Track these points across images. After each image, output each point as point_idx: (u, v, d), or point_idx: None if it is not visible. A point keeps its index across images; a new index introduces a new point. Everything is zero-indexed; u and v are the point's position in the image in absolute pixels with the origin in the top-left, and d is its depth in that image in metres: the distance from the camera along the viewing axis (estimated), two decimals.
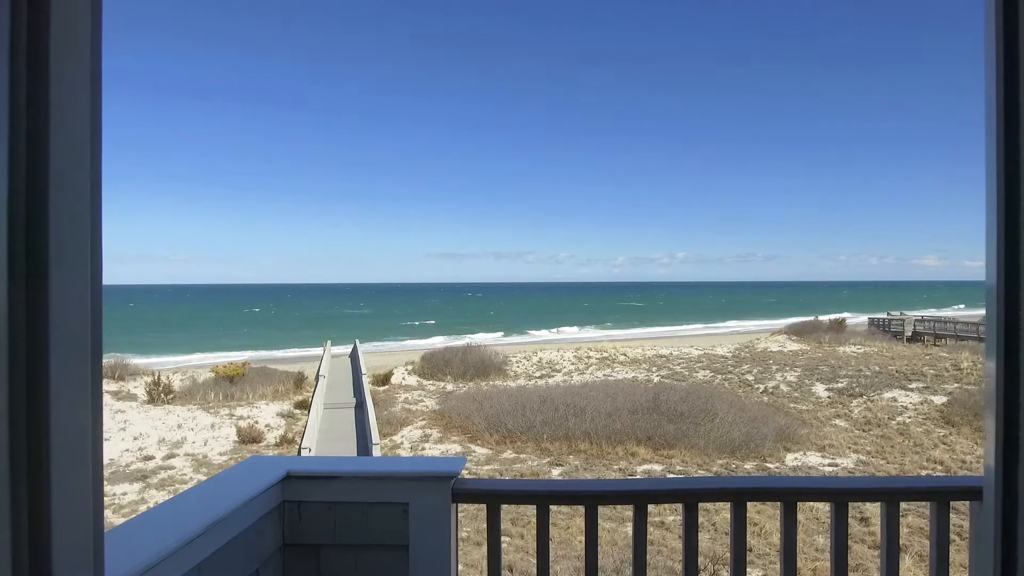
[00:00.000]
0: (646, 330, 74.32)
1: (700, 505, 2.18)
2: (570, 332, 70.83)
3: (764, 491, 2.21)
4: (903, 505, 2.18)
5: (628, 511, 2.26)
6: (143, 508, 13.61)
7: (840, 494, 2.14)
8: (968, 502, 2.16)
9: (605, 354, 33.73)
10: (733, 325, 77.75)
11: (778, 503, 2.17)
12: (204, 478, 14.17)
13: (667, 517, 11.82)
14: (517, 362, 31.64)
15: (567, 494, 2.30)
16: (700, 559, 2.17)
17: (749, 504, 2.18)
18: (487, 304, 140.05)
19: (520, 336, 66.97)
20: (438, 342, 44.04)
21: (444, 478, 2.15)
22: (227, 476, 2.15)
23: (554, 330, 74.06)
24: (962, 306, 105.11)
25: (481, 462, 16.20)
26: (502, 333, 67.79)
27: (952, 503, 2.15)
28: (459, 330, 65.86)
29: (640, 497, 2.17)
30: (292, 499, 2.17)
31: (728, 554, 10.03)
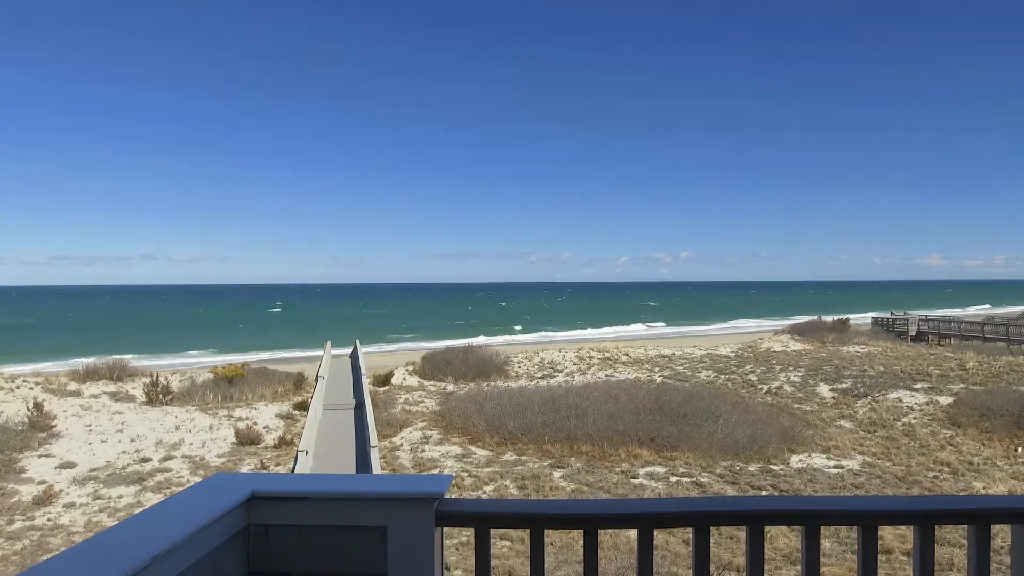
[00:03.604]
0: (648, 330, 74.03)
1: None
2: (583, 333, 70.41)
3: (784, 514, 1.96)
4: None
5: None
6: (139, 511, 13.42)
7: (870, 517, 1.90)
8: (1010, 525, 1.94)
9: (607, 354, 33.47)
10: (736, 325, 77.44)
11: (798, 527, 1.95)
12: (201, 480, 13.97)
13: None
14: (518, 362, 31.39)
15: (564, 517, 2.05)
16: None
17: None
18: (492, 304, 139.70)
19: (530, 335, 66.78)
20: (450, 343, 43.57)
21: (427, 499, 1.92)
22: (184, 497, 1.93)
23: (600, 329, 73.93)
24: (988, 306, 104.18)
25: (482, 464, 15.98)
26: (536, 335, 67.46)
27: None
28: (465, 332, 65.40)
29: (646, 520, 1.92)
30: (258, 522, 1.94)
31: (733, 559, 9.81)
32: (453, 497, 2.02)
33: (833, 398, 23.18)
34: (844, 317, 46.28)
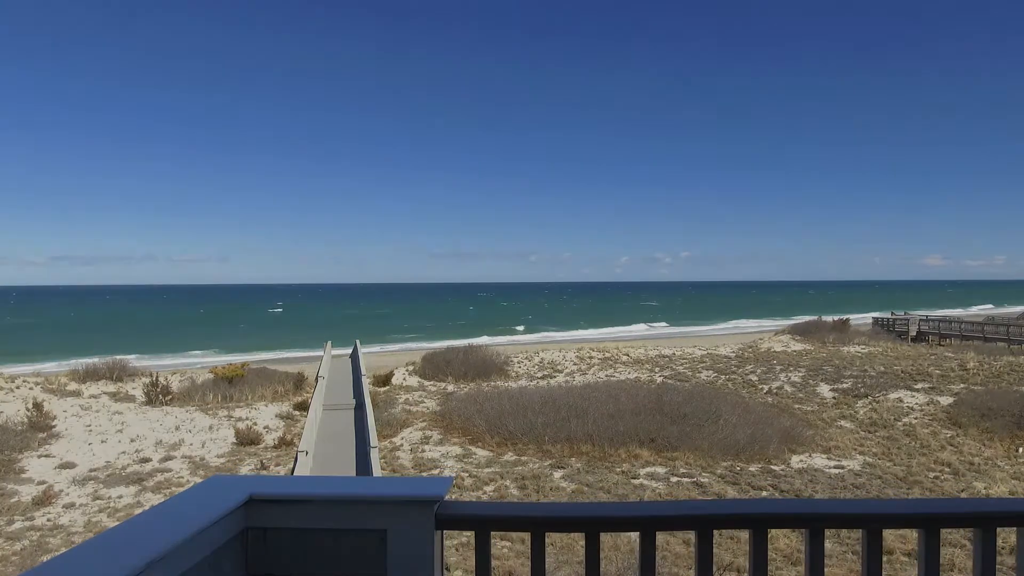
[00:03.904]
0: (650, 330, 74.04)
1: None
2: (584, 333, 70.33)
3: (789, 517, 1.94)
4: None
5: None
6: (139, 511, 13.40)
7: (874, 520, 1.89)
8: (1015, 527, 1.92)
9: (608, 354, 33.46)
10: (736, 325, 77.42)
11: (802, 530, 1.93)
12: (201, 480, 13.96)
13: None
14: (519, 362, 31.38)
15: (566, 520, 2.04)
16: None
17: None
18: (493, 304, 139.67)
19: (531, 336, 66.77)
20: (451, 343, 43.51)
21: (427, 502, 1.90)
22: (181, 500, 1.91)
23: (601, 329, 73.94)
24: (989, 306, 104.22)
25: (482, 464, 15.97)
26: (536, 335, 67.42)
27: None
28: (466, 332, 65.32)
29: (648, 523, 1.91)
30: (256, 525, 1.92)
31: (735, 559, 9.79)
32: (453, 499, 2.01)
33: (834, 398, 23.17)
34: (844, 317, 46.25)
